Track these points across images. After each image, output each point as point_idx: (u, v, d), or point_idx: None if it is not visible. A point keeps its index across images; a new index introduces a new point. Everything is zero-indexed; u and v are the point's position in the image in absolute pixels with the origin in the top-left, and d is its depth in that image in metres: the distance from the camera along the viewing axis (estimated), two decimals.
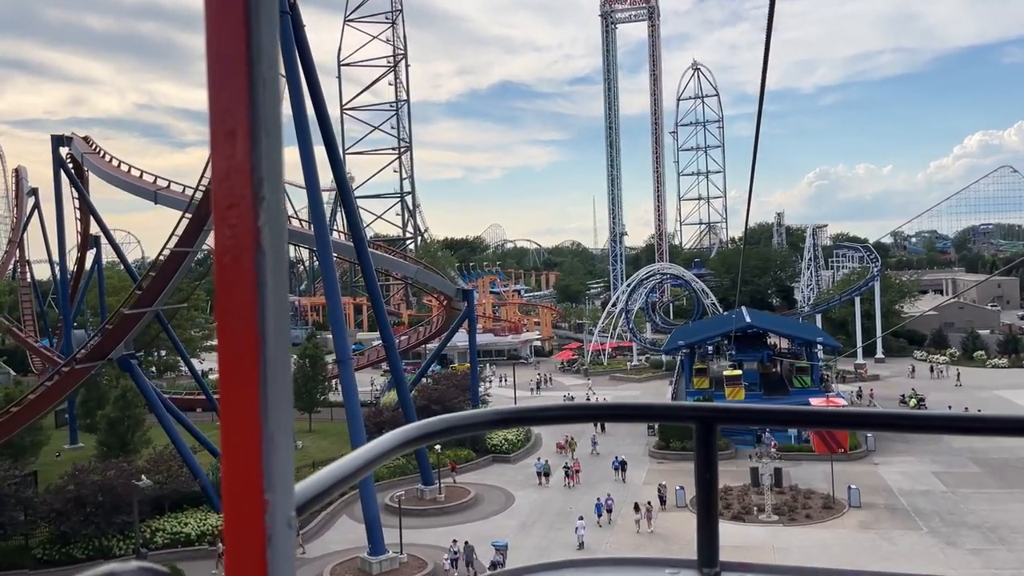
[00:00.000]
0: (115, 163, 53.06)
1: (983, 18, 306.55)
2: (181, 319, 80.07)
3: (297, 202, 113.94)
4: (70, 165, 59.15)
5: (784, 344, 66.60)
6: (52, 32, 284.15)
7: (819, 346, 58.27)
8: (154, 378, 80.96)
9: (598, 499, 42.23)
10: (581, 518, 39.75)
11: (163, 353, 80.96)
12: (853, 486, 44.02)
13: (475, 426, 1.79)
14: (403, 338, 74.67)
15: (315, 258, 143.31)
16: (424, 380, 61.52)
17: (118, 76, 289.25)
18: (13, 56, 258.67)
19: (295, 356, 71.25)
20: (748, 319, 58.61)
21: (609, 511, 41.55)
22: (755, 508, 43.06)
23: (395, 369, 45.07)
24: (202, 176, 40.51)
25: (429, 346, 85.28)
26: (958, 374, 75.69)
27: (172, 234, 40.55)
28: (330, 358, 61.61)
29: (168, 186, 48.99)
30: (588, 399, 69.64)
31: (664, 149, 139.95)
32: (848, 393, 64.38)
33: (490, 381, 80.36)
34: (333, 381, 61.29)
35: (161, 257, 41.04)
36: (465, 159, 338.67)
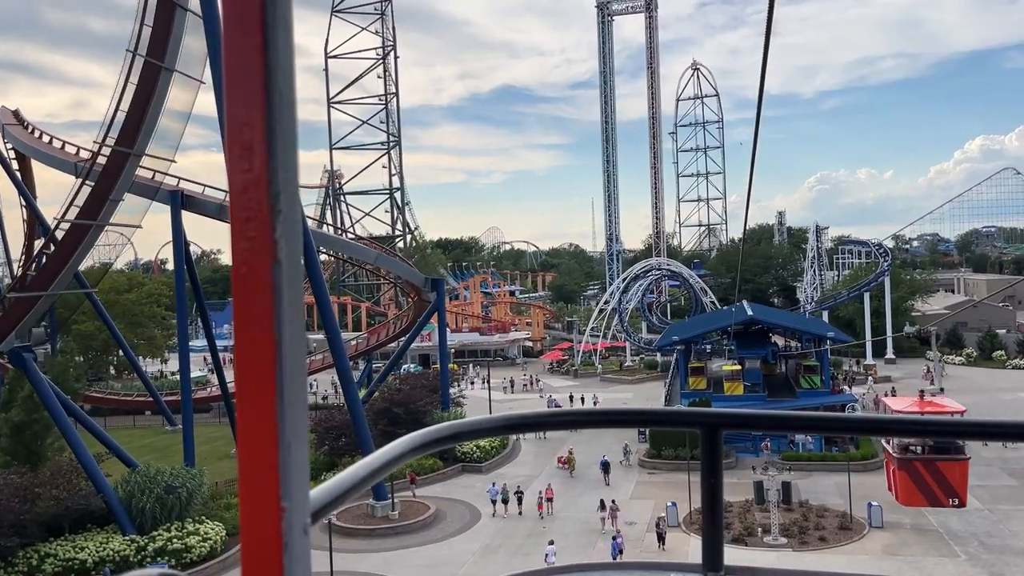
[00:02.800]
0: (36, 134, 46.10)
1: (985, 23, 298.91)
2: (142, 316, 73.23)
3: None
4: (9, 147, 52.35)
5: (787, 343, 59.51)
6: (54, 35, 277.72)
7: (829, 342, 50.86)
8: (112, 379, 74.16)
9: (614, 538, 33.56)
10: (552, 542, 32.53)
11: (122, 352, 73.77)
12: (874, 503, 36.72)
13: (485, 431, 1.72)
14: (367, 336, 67.42)
15: None
16: (392, 380, 54.29)
17: (116, 79, 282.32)
18: (16, 59, 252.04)
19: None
20: (750, 312, 51.35)
21: (621, 552, 33.39)
22: (759, 528, 35.81)
23: (339, 365, 37.92)
24: (106, 135, 33.49)
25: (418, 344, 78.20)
26: (932, 378, 66.67)
27: (70, 204, 33.51)
28: None
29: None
30: (546, 400, 62.30)
31: (662, 148, 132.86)
32: (861, 395, 57.09)
33: (472, 382, 73.20)
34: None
35: (59, 231, 33.97)
36: (466, 163, 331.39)
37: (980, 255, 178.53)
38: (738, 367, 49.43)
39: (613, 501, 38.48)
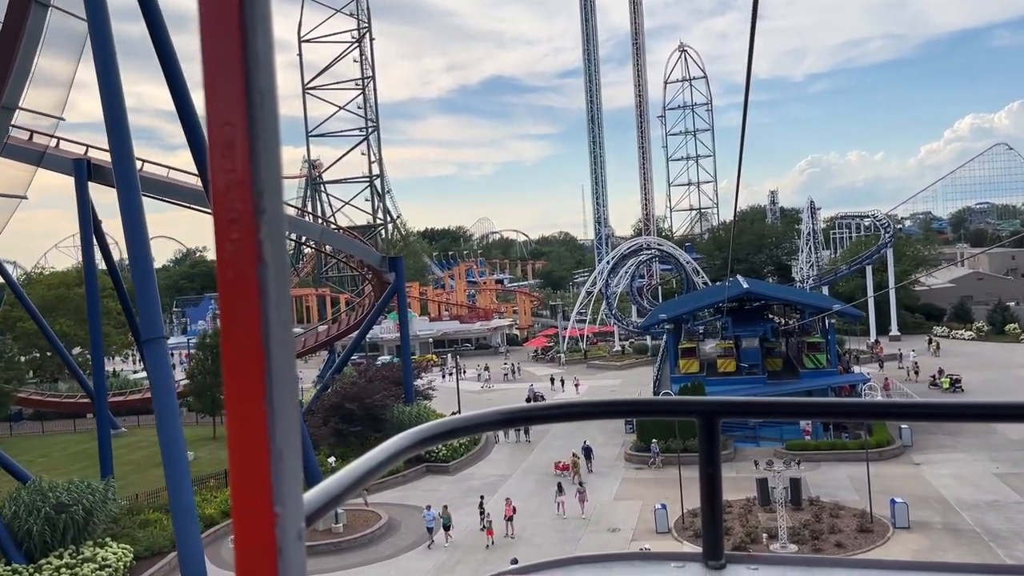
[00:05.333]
0: None
1: (972, 2, 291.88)
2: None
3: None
4: None
5: (786, 320, 53.34)
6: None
7: (835, 316, 44.63)
8: (67, 379, 67.92)
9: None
10: (515, 561, 26.39)
11: (75, 349, 67.69)
12: (897, 499, 30.67)
13: (479, 427, 1.71)
14: (327, 325, 61.31)
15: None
16: (351, 371, 48.11)
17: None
18: None
19: (193, 349, 58.44)
20: (745, 286, 45.23)
21: None
22: (764, 534, 29.73)
23: None
24: None
25: (396, 334, 72.23)
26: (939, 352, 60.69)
27: None
28: None
29: None
30: (527, 388, 56.28)
31: (650, 129, 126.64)
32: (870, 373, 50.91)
33: (451, 372, 67.03)
34: None
35: None
36: (456, 155, 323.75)
37: (976, 231, 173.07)
38: (730, 344, 43.44)
39: (581, 484, 34.11)
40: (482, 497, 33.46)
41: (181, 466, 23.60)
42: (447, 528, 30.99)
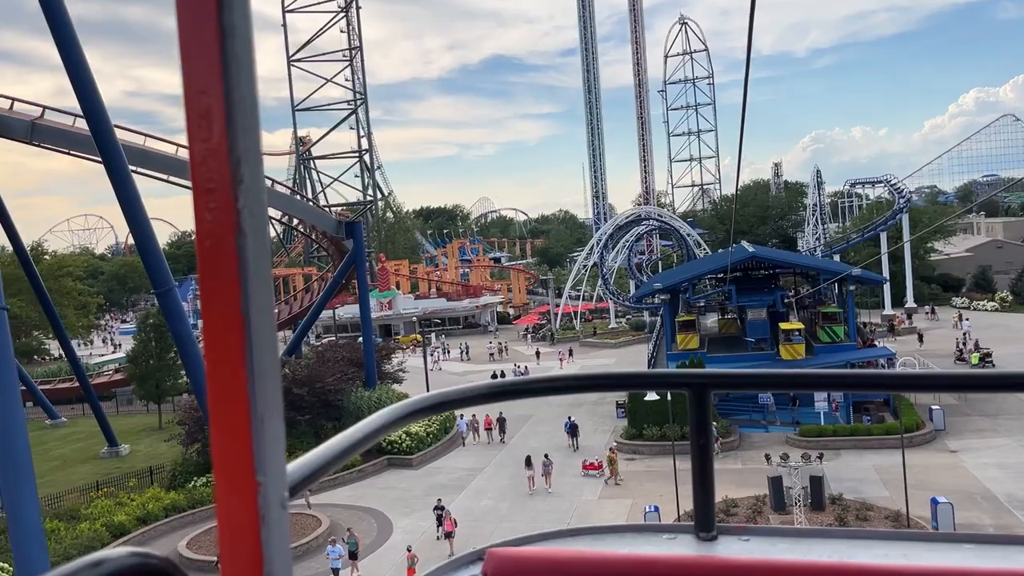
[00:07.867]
0: None
1: None
2: (57, 294, 61.41)
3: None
4: None
5: (797, 290, 47.18)
6: (35, 20, 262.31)
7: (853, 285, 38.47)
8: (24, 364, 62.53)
9: None
10: None
11: (37, 333, 62.47)
12: (940, 498, 24.69)
13: (467, 400, 1.70)
14: (289, 301, 55.52)
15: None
16: (308, 352, 42.29)
17: (104, 63, 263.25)
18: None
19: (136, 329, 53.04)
20: (751, 250, 39.17)
21: None
22: None
23: (184, 351, 25.99)
24: None
25: (382, 312, 66.45)
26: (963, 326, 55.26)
27: None
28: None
29: None
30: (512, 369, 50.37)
31: (648, 96, 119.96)
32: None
33: (441, 351, 61.42)
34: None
35: None
36: (458, 136, 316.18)
37: (986, 202, 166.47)
38: (733, 317, 37.58)
39: (546, 456, 30.40)
40: (439, 499, 27.59)
41: (24, 479, 17.85)
42: (354, 557, 24.72)
